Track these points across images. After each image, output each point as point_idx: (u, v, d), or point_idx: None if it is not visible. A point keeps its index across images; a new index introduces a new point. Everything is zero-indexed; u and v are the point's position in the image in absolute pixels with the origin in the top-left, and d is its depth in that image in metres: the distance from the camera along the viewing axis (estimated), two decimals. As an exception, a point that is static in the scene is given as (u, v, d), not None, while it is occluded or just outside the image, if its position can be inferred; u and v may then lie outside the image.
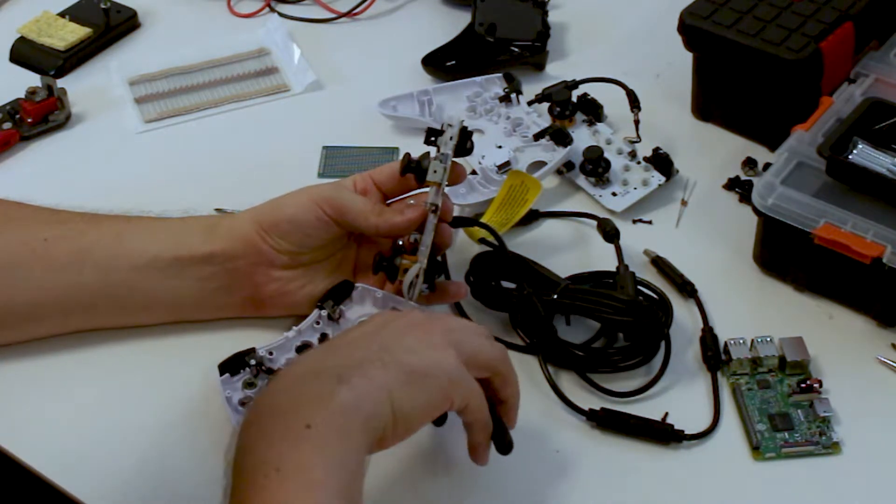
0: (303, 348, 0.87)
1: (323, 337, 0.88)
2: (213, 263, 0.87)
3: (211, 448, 0.83)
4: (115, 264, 0.87)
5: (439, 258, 0.91)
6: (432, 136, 0.89)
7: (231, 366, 0.84)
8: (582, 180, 1.04)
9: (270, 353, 0.86)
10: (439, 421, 0.81)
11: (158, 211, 0.92)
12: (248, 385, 0.84)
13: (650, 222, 1.01)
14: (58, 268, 0.86)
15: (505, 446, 0.79)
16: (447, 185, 0.88)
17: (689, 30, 1.04)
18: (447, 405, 0.74)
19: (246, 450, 0.69)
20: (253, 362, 0.85)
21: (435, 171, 0.87)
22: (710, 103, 1.10)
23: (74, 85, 1.15)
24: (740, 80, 1.05)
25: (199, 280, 0.88)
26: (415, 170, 0.88)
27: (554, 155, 1.04)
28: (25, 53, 1.19)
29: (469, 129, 0.90)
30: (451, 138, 0.88)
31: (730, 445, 0.84)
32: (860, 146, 0.93)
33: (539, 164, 1.04)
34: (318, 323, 0.88)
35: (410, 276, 0.87)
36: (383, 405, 0.71)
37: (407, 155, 0.89)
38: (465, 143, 0.89)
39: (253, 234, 0.87)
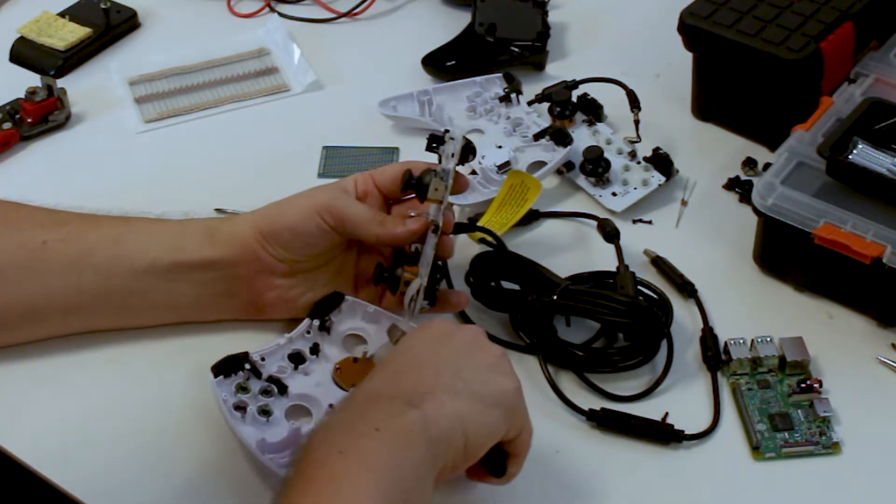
0: (294, 356, 0.87)
1: (315, 347, 0.87)
2: (212, 270, 0.87)
3: (208, 447, 0.83)
4: (114, 268, 0.86)
5: (440, 262, 0.90)
6: (434, 142, 0.89)
7: (224, 368, 0.84)
8: (582, 180, 1.04)
9: (262, 359, 0.86)
10: (499, 471, 0.79)
11: (158, 212, 0.92)
12: (242, 389, 0.84)
13: (650, 222, 1.01)
14: (57, 271, 0.86)
15: (501, 469, 0.78)
16: (451, 195, 0.88)
17: (689, 30, 1.04)
18: (504, 432, 0.75)
19: (311, 443, 0.71)
20: (247, 366, 0.85)
21: (436, 189, 0.86)
22: (710, 103, 1.10)
23: (74, 85, 1.15)
24: (740, 80, 1.05)
25: (199, 285, 0.88)
26: (415, 186, 0.87)
27: (554, 155, 1.04)
28: (25, 53, 1.19)
29: (472, 143, 0.88)
30: (452, 154, 0.87)
31: (730, 445, 0.84)
32: (860, 146, 0.93)
33: (539, 164, 1.04)
34: (308, 332, 0.88)
35: (411, 292, 0.86)
36: (455, 432, 0.72)
37: (407, 171, 0.87)
38: (466, 156, 0.88)
39: (252, 242, 0.87)
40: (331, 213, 0.86)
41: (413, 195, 0.89)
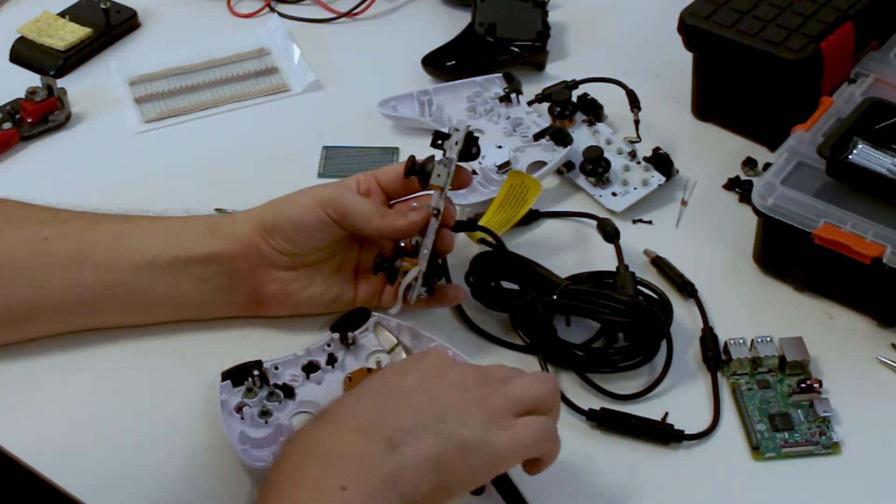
0: (309, 367, 0.86)
1: (331, 358, 0.87)
2: (214, 264, 0.87)
3: (210, 449, 0.83)
4: (115, 264, 0.87)
5: (440, 261, 0.91)
6: (439, 139, 0.89)
7: (235, 375, 0.84)
8: (582, 180, 1.04)
9: (276, 368, 0.86)
10: (478, 491, 0.78)
11: (158, 211, 0.92)
12: (248, 392, 0.84)
13: (650, 222, 1.01)
14: (58, 267, 0.86)
15: (517, 499, 0.77)
16: (452, 189, 0.88)
17: (689, 30, 1.04)
18: (492, 476, 0.74)
19: (276, 486, 0.69)
20: (256, 372, 0.84)
21: (439, 176, 0.87)
22: (710, 103, 1.10)
23: (74, 85, 1.15)
24: (740, 80, 1.05)
25: (200, 280, 0.88)
26: (418, 173, 0.88)
27: (554, 155, 1.04)
28: (25, 53, 1.19)
29: (475, 134, 0.89)
30: (456, 143, 0.88)
31: (730, 445, 0.84)
32: (860, 146, 0.93)
33: (539, 164, 1.04)
34: (328, 345, 0.88)
35: (408, 279, 0.87)
36: (426, 476, 0.70)
37: (411, 157, 0.88)
38: (470, 148, 0.89)
39: (255, 236, 0.87)
40: (333, 206, 0.86)
41: (416, 195, 0.89)
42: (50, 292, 0.86)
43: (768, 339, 0.89)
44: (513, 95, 1.10)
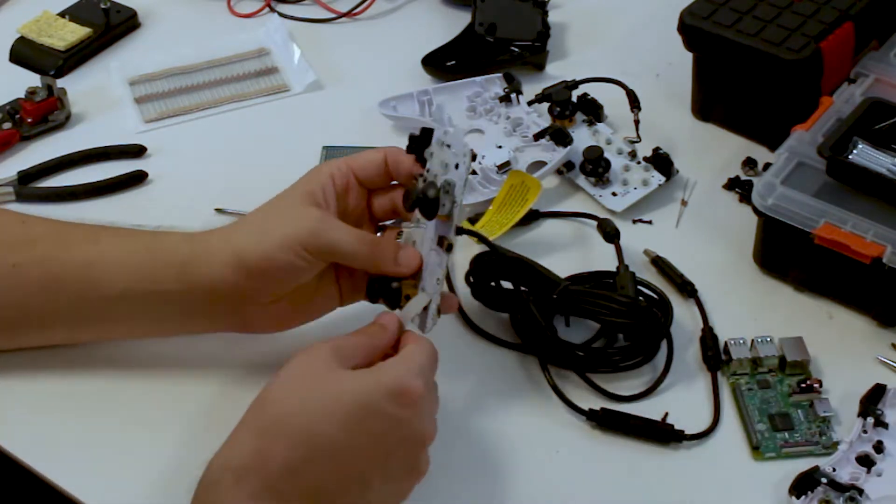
0: (861, 458, 0.81)
1: (879, 445, 0.82)
2: (189, 300, 0.83)
3: (208, 449, 0.83)
4: (86, 294, 0.83)
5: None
6: (414, 143, 0.84)
7: (801, 486, 0.79)
8: (582, 180, 1.04)
9: (833, 469, 0.80)
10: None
11: (158, 210, 0.92)
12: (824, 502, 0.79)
13: (650, 222, 1.01)
14: (32, 292, 0.83)
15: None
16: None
17: (689, 30, 1.04)
18: None
19: None
20: (824, 480, 0.79)
21: (444, 205, 0.80)
22: (710, 103, 1.10)
23: (74, 85, 1.15)
24: (740, 80, 1.05)
25: (179, 312, 0.84)
26: (422, 203, 0.80)
27: (554, 155, 1.04)
28: (25, 53, 1.19)
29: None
30: (463, 167, 0.80)
31: (730, 445, 0.84)
32: (860, 146, 0.93)
33: (539, 164, 1.04)
34: (864, 432, 0.82)
35: (415, 310, 0.81)
36: None
37: (408, 191, 0.82)
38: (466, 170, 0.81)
39: (232, 279, 0.82)
40: (317, 246, 0.81)
41: (398, 184, 0.85)
42: (25, 313, 0.84)
43: (768, 339, 0.89)
44: (513, 95, 1.10)
